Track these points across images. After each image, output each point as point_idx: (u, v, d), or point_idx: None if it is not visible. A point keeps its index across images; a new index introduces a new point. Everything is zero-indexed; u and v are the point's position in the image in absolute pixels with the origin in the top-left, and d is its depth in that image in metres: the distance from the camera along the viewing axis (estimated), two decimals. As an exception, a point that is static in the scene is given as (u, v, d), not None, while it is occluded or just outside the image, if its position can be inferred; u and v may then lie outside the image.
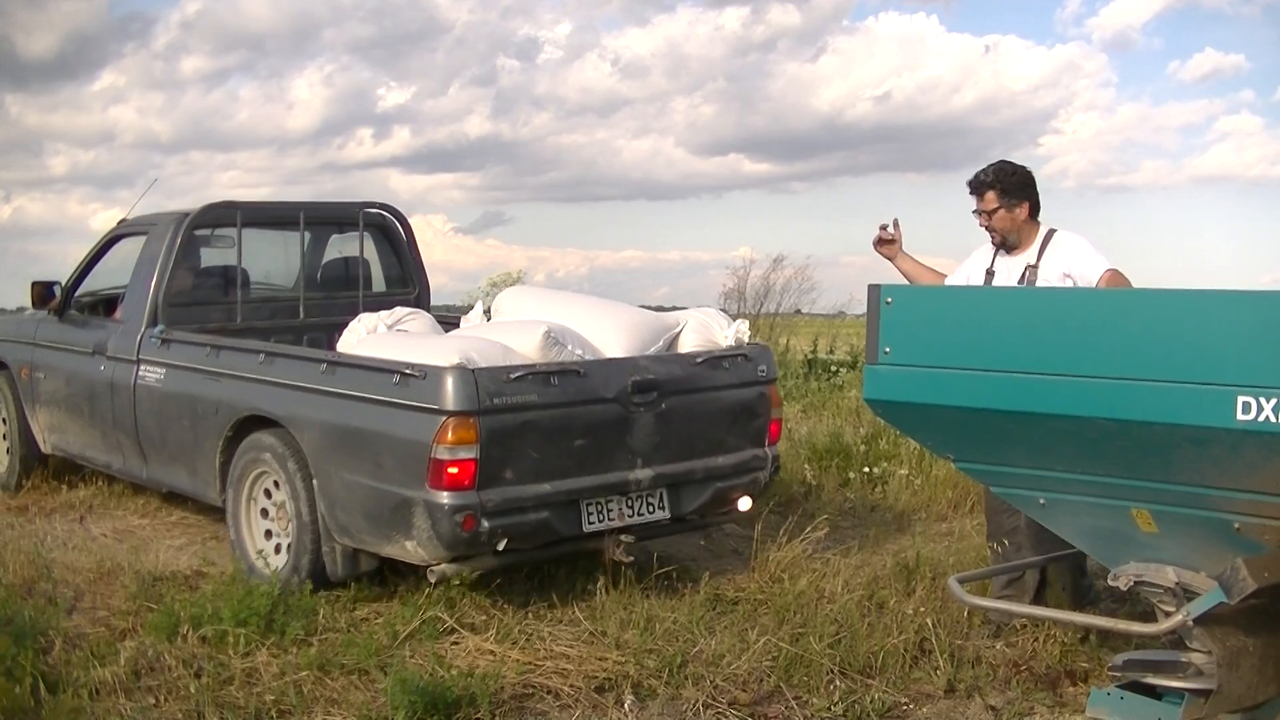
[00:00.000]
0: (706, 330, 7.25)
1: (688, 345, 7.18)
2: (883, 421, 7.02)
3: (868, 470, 9.71)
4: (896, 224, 6.59)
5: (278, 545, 6.92)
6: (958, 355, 4.28)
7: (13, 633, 5.56)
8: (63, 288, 9.12)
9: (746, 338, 7.26)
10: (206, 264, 8.92)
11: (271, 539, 6.98)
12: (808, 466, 9.91)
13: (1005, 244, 6.17)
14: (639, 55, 76.94)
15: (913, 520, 8.34)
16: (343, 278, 9.22)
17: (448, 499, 5.87)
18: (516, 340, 6.52)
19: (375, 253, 9.40)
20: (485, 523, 5.93)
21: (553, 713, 5.32)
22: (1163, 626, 4.33)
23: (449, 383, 5.88)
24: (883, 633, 5.94)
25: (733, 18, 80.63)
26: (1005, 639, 6.06)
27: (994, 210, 6.11)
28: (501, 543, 6.07)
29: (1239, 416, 3.58)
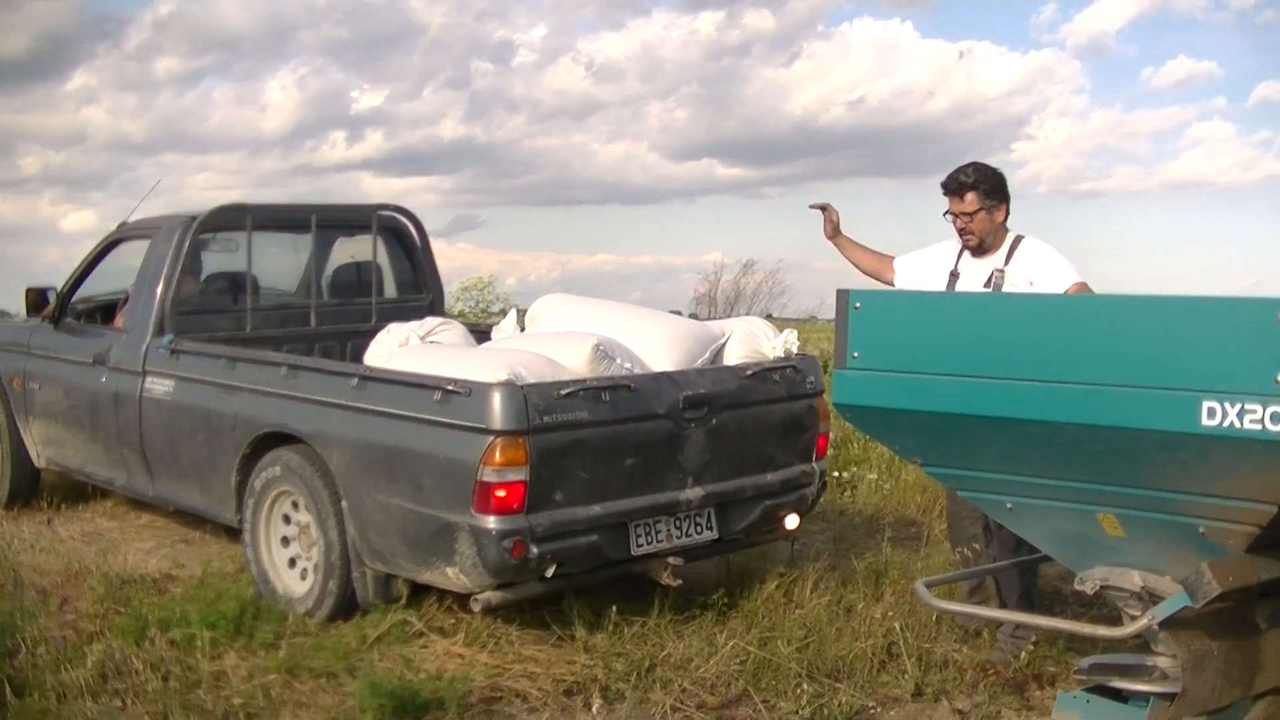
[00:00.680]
0: (753, 340, 6.94)
1: (733, 357, 6.86)
2: (852, 426, 7.02)
3: (837, 474, 9.70)
4: (826, 208, 6.54)
5: (303, 570, 6.59)
6: (926, 360, 4.28)
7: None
8: (58, 294, 8.66)
9: (795, 348, 6.96)
10: (211, 270, 8.50)
11: (295, 565, 6.64)
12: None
13: (980, 247, 6.06)
14: (614, 59, 76.88)
15: (882, 524, 8.36)
16: (354, 283, 8.82)
17: (495, 524, 5.54)
18: (562, 353, 6.18)
19: (386, 257, 9.01)
20: (534, 548, 5.62)
21: (521, 716, 5.32)
22: (1128, 630, 4.34)
23: (497, 400, 5.55)
24: (851, 637, 5.96)
25: (708, 22, 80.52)
26: (971, 643, 6.09)
27: (975, 212, 5.98)
28: (550, 569, 5.76)
29: (1204, 421, 3.60)
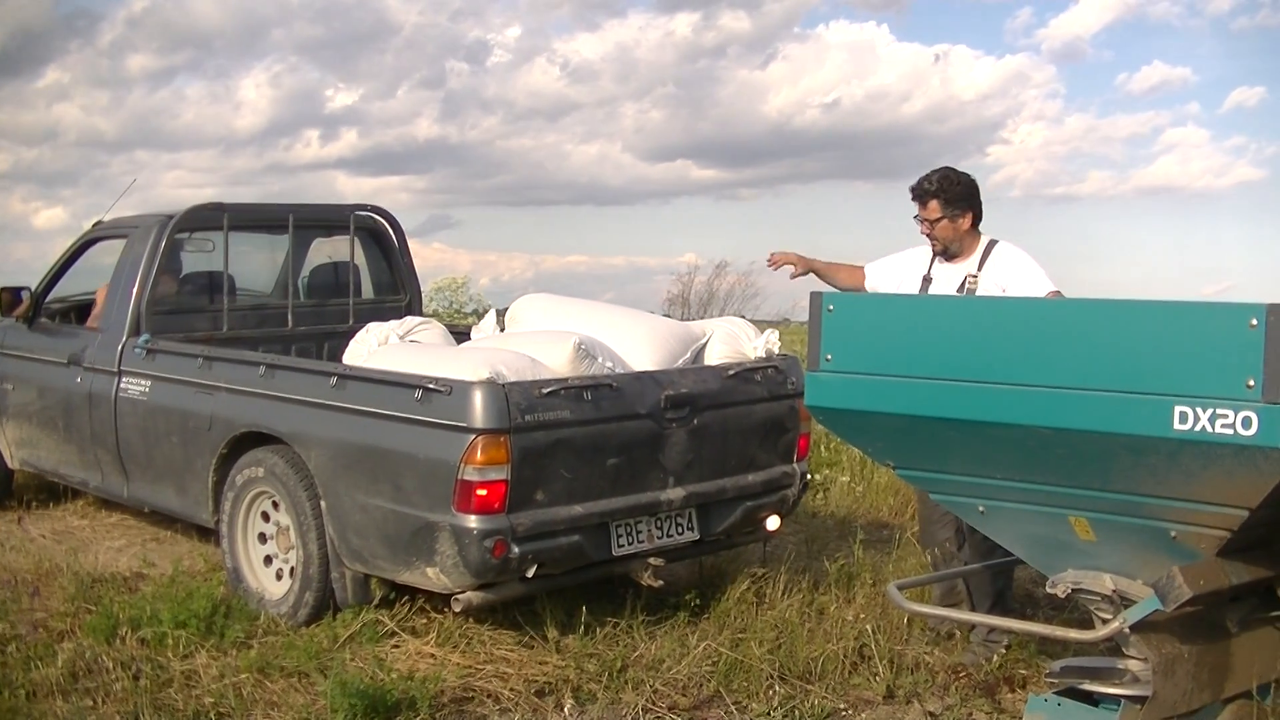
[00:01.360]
0: (735, 341, 6.92)
1: (715, 357, 6.84)
2: (824, 428, 7.03)
3: (810, 477, 9.70)
4: (776, 264, 6.59)
5: (279, 571, 6.56)
6: (898, 363, 4.29)
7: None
8: (32, 293, 8.59)
9: (777, 349, 6.95)
10: (187, 269, 8.40)
11: (271, 564, 6.61)
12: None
13: (946, 253, 6.09)
14: (589, 60, 76.63)
15: (854, 527, 8.37)
16: (331, 284, 8.81)
17: (476, 523, 5.51)
18: (544, 352, 6.13)
19: (364, 257, 8.95)
20: (516, 548, 5.59)
21: (492, 716, 5.32)
22: (1100, 633, 4.36)
23: (478, 398, 5.52)
24: (823, 639, 5.97)
25: (683, 23, 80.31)
26: (943, 645, 6.10)
27: (937, 220, 6.01)
28: (532, 569, 5.74)
29: (1176, 426, 3.62)
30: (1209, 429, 3.56)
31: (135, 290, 7.63)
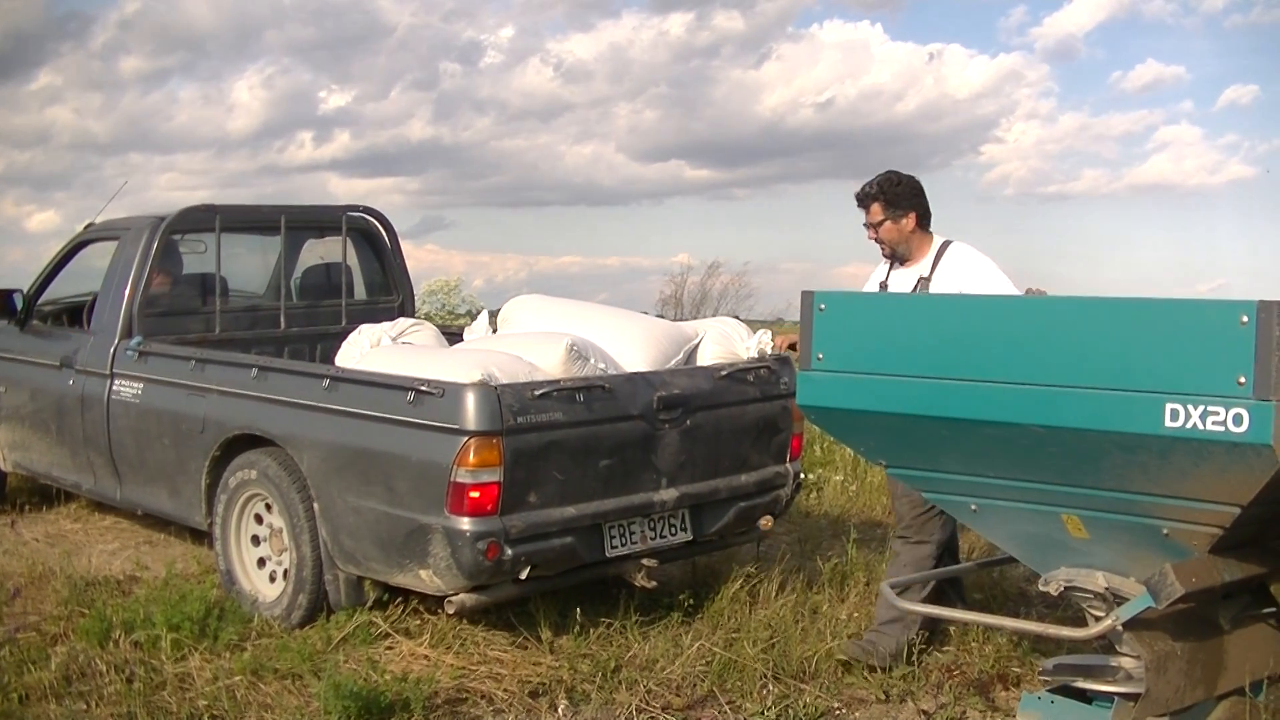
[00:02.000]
0: (727, 341, 6.89)
1: (707, 357, 6.83)
2: (817, 427, 7.03)
3: (803, 476, 9.71)
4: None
5: (272, 573, 6.57)
6: (890, 361, 4.30)
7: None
8: (24, 296, 8.56)
9: (769, 349, 6.89)
10: (180, 271, 8.34)
11: (265, 566, 6.62)
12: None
13: (895, 256, 6.07)
14: (582, 60, 76.59)
15: (847, 526, 8.37)
16: (324, 285, 8.78)
17: (469, 525, 5.50)
18: (536, 354, 6.12)
19: (356, 258, 8.96)
20: (509, 550, 5.59)
21: (486, 718, 5.31)
22: (1092, 631, 4.37)
23: (470, 400, 5.51)
24: (816, 638, 5.97)
25: (677, 23, 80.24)
26: (937, 644, 6.11)
27: (879, 223, 5.99)
28: (525, 571, 5.74)
29: (1167, 423, 3.62)
30: (1200, 426, 3.57)
31: (127, 292, 7.62)
